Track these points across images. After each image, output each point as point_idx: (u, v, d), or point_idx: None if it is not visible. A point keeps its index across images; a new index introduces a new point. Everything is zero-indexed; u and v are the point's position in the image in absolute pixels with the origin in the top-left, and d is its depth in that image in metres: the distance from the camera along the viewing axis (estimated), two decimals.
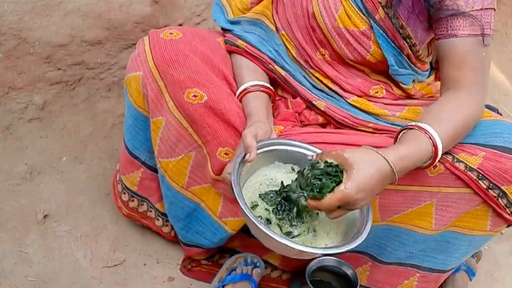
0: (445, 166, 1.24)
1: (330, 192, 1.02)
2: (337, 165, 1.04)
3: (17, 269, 1.52)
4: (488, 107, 2.47)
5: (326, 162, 1.05)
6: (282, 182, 1.16)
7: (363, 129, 1.36)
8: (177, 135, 1.33)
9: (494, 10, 1.25)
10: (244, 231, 1.47)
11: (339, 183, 1.03)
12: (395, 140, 1.18)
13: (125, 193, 1.56)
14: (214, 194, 1.42)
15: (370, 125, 1.35)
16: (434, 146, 1.12)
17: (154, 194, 1.55)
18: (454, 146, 1.21)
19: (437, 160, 1.15)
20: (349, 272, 1.46)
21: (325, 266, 1.46)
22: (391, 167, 1.05)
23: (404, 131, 1.16)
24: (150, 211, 1.59)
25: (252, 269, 1.51)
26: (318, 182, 1.04)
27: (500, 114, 2.48)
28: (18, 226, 1.61)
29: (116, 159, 1.68)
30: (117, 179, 1.58)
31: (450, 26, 1.23)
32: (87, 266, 1.58)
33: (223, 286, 1.49)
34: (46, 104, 1.79)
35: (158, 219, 1.61)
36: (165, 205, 1.52)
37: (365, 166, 1.03)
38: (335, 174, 1.04)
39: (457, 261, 1.45)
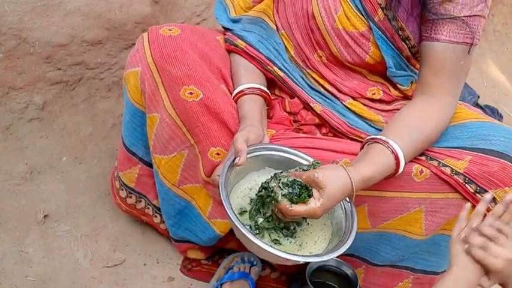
0: (431, 171, 1.25)
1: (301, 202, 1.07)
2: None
3: (17, 268, 1.52)
4: (488, 107, 2.48)
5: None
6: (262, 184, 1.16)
7: (355, 138, 1.37)
8: (171, 132, 1.33)
9: (485, 18, 1.23)
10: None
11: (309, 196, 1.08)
12: (362, 147, 1.23)
13: (122, 189, 1.57)
14: (205, 195, 1.42)
15: (363, 135, 1.36)
16: (397, 164, 1.18)
17: (152, 191, 1.55)
18: (437, 151, 1.25)
19: (396, 175, 1.20)
20: (349, 272, 1.46)
21: (325, 266, 1.47)
22: (353, 189, 1.11)
23: (372, 142, 1.20)
24: (148, 208, 1.59)
25: (250, 268, 1.51)
26: (297, 190, 1.08)
27: (500, 115, 2.49)
28: (19, 226, 1.61)
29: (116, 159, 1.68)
30: (115, 175, 1.58)
31: (434, 30, 1.23)
32: (87, 266, 1.58)
33: (221, 285, 1.49)
34: (46, 104, 1.79)
35: (156, 216, 1.60)
36: (159, 200, 1.53)
37: (335, 189, 1.08)
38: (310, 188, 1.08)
39: None
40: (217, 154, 1.30)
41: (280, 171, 1.14)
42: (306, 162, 1.19)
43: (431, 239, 1.37)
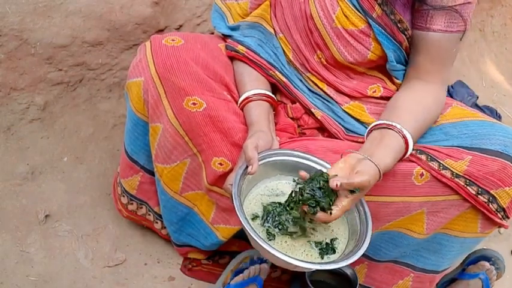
0: (431, 174, 1.25)
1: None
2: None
3: (19, 268, 1.52)
4: (486, 107, 2.48)
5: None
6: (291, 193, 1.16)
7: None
8: (173, 142, 1.34)
9: (474, 3, 1.26)
10: (238, 236, 1.48)
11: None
12: (369, 132, 1.25)
13: (124, 196, 1.57)
14: (208, 201, 1.43)
15: (360, 140, 1.36)
16: (406, 149, 1.22)
17: (153, 198, 1.55)
18: (438, 149, 1.26)
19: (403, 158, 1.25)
20: (348, 271, 1.47)
21: None
22: (380, 178, 1.15)
23: (382, 128, 1.22)
24: (149, 214, 1.60)
25: (260, 266, 1.47)
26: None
27: (499, 115, 2.49)
28: (20, 226, 1.62)
29: (117, 160, 1.68)
30: (117, 181, 1.59)
31: (430, 20, 1.26)
32: (88, 266, 1.58)
33: None
34: (47, 104, 1.80)
35: (157, 222, 1.61)
36: (160, 207, 1.53)
37: (371, 185, 1.12)
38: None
39: (450, 262, 1.47)
40: (220, 164, 1.30)
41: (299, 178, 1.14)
42: (316, 166, 1.20)
43: (432, 238, 1.38)
